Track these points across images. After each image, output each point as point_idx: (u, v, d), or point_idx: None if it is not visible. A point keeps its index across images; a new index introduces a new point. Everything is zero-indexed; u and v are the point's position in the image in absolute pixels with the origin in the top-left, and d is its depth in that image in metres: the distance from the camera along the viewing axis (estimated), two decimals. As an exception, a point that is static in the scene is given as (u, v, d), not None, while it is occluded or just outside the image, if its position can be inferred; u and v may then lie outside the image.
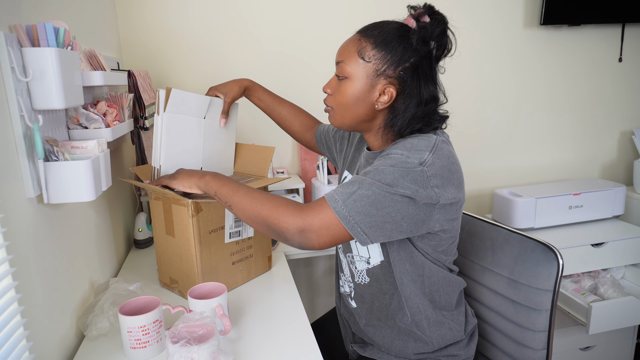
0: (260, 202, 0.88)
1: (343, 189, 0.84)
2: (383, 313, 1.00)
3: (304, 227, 0.83)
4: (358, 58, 0.89)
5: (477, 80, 2.06)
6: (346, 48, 0.91)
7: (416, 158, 0.82)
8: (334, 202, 0.83)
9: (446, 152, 0.86)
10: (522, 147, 2.19)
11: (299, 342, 0.95)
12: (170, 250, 1.16)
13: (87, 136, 0.99)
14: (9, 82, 0.75)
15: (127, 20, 1.71)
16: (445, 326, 0.98)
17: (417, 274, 0.95)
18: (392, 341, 1.01)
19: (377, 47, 0.88)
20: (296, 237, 0.83)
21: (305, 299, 2.12)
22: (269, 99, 1.29)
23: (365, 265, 1.00)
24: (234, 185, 0.94)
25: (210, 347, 0.80)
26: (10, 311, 0.71)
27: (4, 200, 0.72)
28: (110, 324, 0.96)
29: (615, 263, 1.84)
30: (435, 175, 0.82)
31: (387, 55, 0.87)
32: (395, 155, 0.85)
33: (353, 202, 0.82)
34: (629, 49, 2.18)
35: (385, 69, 0.88)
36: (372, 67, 0.88)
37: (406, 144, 0.86)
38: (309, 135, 1.32)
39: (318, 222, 0.82)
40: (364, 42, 0.89)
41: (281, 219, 0.84)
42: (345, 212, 0.82)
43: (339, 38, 1.87)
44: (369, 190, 0.82)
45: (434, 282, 0.96)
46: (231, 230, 1.16)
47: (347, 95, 0.91)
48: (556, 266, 0.97)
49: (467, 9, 1.97)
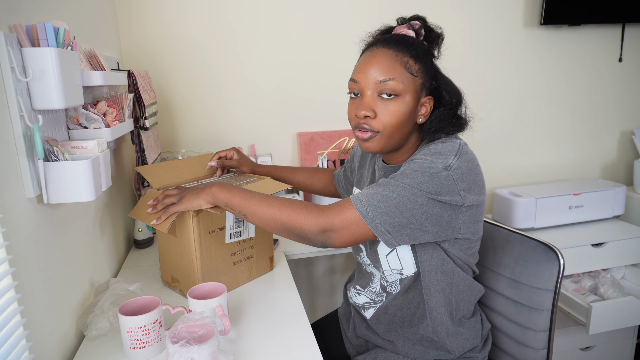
0: (278, 207, 0.88)
1: (368, 190, 0.85)
2: (406, 321, 1.00)
3: (326, 227, 0.84)
4: (407, 73, 0.86)
5: (477, 80, 2.06)
6: (390, 65, 0.86)
7: (441, 163, 0.83)
8: (357, 202, 0.84)
9: (470, 155, 0.87)
10: (522, 147, 2.19)
11: (299, 342, 0.95)
12: (172, 250, 1.16)
13: (87, 136, 0.99)
14: (9, 82, 0.75)
15: (127, 20, 1.70)
16: (463, 335, 0.98)
17: (447, 282, 0.95)
18: (413, 346, 1.00)
19: (419, 61, 0.88)
20: (319, 237, 0.85)
21: (305, 299, 2.12)
22: (283, 174, 1.32)
23: (398, 276, 0.98)
24: (245, 193, 0.93)
25: (210, 347, 0.80)
26: (10, 311, 0.71)
27: (4, 200, 0.72)
28: (110, 324, 0.96)
29: (615, 263, 1.84)
30: (462, 178, 0.83)
31: (426, 68, 0.89)
32: (420, 160, 0.85)
33: (377, 202, 0.83)
34: (629, 49, 2.18)
35: (426, 82, 0.89)
36: (419, 81, 0.88)
37: (430, 149, 0.86)
38: (332, 188, 1.34)
39: (340, 221, 0.84)
40: (404, 57, 0.87)
41: (302, 222, 0.85)
42: (368, 211, 0.83)
43: (340, 42, 1.89)
44: (393, 192, 0.83)
45: (461, 290, 0.96)
46: (232, 231, 1.16)
47: (400, 115, 0.87)
48: (557, 266, 0.97)
49: (467, 9, 1.97)
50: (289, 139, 1.94)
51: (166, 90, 1.79)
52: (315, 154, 1.93)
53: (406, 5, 1.89)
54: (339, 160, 1.96)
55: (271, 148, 1.93)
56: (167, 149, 1.84)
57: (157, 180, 1.21)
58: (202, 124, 1.85)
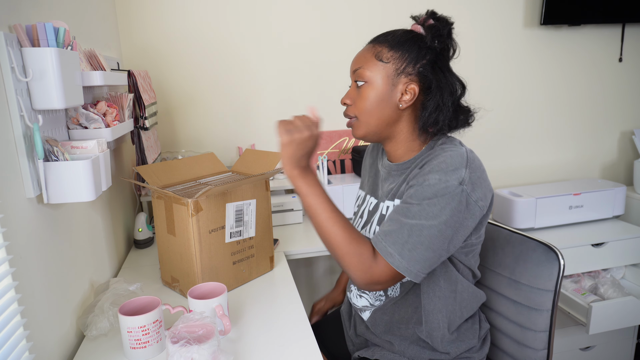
0: (337, 240, 0.86)
1: (394, 238, 0.84)
2: (403, 323, 1.00)
3: (372, 282, 0.86)
4: (376, 61, 0.90)
5: (477, 80, 2.06)
6: (362, 55, 0.93)
7: (455, 179, 0.83)
8: (390, 257, 0.84)
9: (477, 162, 0.87)
10: (522, 147, 2.19)
11: (299, 342, 0.95)
12: (172, 249, 1.16)
13: (87, 136, 0.99)
14: (9, 82, 0.75)
15: (127, 20, 1.70)
16: (458, 340, 0.98)
17: (450, 290, 0.95)
18: (409, 345, 1.00)
19: (394, 49, 0.90)
20: (363, 287, 0.87)
21: (305, 299, 2.12)
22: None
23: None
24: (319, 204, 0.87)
25: (210, 347, 0.80)
26: (10, 311, 0.71)
27: (4, 200, 0.72)
28: (110, 324, 0.96)
29: (615, 263, 1.83)
30: (474, 189, 0.84)
31: (404, 54, 0.89)
32: (433, 181, 0.84)
33: (409, 252, 0.83)
34: (629, 49, 2.18)
35: (405, 67, 0.89)
36: (391, 67, 0.90)
37: (439, 163, 0.85)
38: None
39: (384, 277, 0.85)
40: (379, 47, 0.91)
41: (350, 269, 0.86)
42: (405, 264, 0.84)
43: (340, 42, 1.89)
44: (420, 236, 0.83)
45: (464, 298, 0.97)
46: (232, 230, 1.16)
47: (370, 99, 0.91)
48: (557, 266, 0.97)
49: (467, 9, 1.97)
50: (289, 139, 1.94)
51: (166, 90, 1.79)
52: (315, 154, 1.93)
53: (409, 5, 1.89)
54: (339, 160, 1.96)
55: (271, 148, 1.93)
56: (167, 149, 1.84)
57: (156, 180, 1.21)
58: (202, 124, 1.85)
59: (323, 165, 1.72)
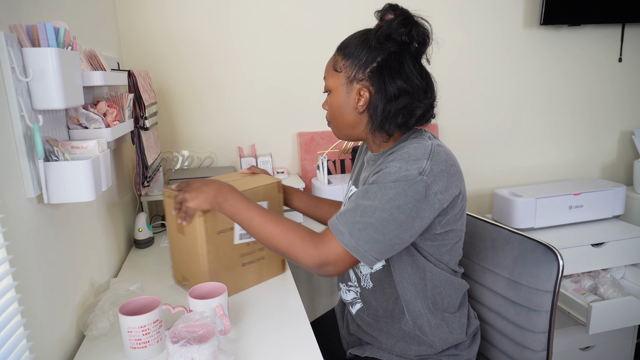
0: (275, 237, 0.91)
1: (347, 217, 0.86)
2: (389, 318, 1.01)
3: (322, 262, 0.87)
4: (333, 71, 0.97)
5: (477, 80, 2.06)
6: (327, 65, 1.00)
7: (415, 169, 0.84)
8: (340, 234, 0.86)
9: (443, 155, 0.87)
10: (522, 147, 2.19)
11: (299, 342, 0.95)
12: (182, 248, 1.16)
13: (87, 136, 0.99)
14: (9, 82, 0.75)
15: (127, 20, 1.70)
16: (446, 329, 0.98)
17: (419, 277, 0.95)
18: (396, 342, 1.01)
19: (345, 57, 0.94)
20: (316, 270, 0.89)
21: (305, 299, 2.12)
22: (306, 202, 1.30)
23: (369, 270, 1.01)
24: (248, 213, 0.94)
25: (211, 347, 0.80)
26: (10, 311, 0.71)
27: (4, 200, 0.72)
28: (110, 324, 0.96)
29: (615, 263, 1.84)
30: (435, 181, 0.85)
31: (354, 62, 0.93)
32: (394, 169, 0.85)
33: (359, 232, 0.84)
34: (629, 49, 2.18)
35: (355, 74, 0.93)
36: (344, 75, 0.95)
37: (403, 153, 0.87)
38: None
39: (333, 256, 0.86)
40: (337, 55, 0.97)
41: (298, 257, 0.89)
42: (353, 243, 0.84)
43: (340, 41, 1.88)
44: (372, 217, 0.84)
45: (436, 285, 0.97)
46: (241, 232, 1.15)
47: (334, 106, 0.98)
48: (556, 267, 0.97)
49: (467, 9, 1.97)
50: (289, 139, 1.94)
51: (166, 90, 1.79)
52: (315, 154, 1.93)
53: (405, 4, 1.88)
54: (339, 160, 1.96)
55: (271, 148, 1.94)
56: (167, 149, 1.84)
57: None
58: (202, 124, 1.85)
59: (323, 165, 1.72)
